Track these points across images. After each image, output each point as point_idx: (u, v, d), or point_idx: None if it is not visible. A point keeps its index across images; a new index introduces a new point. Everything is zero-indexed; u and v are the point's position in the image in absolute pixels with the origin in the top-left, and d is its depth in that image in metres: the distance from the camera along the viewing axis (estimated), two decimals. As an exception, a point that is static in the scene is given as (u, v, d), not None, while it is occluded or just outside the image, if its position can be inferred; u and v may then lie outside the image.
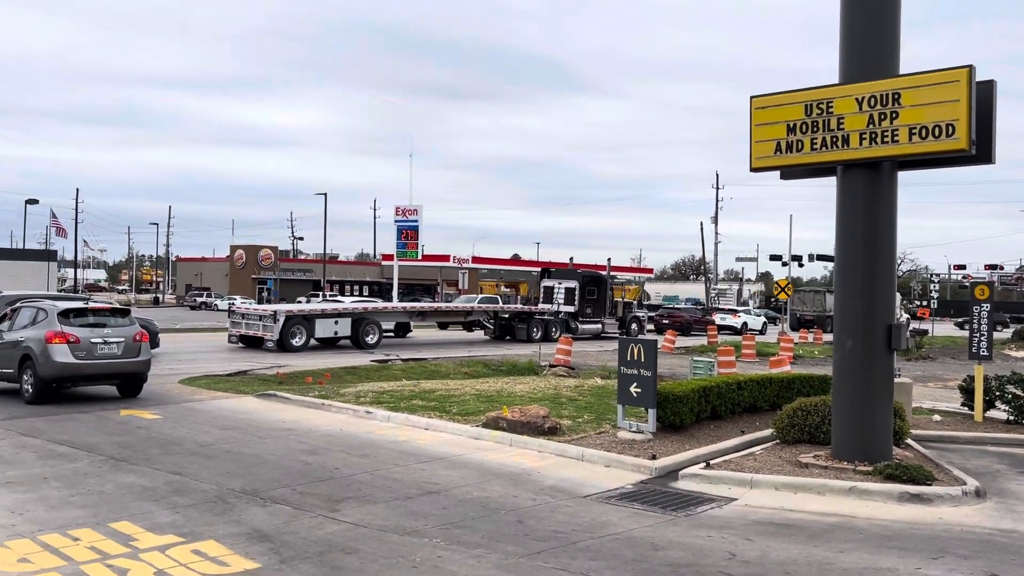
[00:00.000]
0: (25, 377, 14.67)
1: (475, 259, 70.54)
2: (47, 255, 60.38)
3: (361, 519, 7.83)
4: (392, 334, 33.55)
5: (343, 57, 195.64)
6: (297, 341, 26.80)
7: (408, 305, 35.00)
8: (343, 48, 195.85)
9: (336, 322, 28.51)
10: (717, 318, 48.91)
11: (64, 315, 14.79)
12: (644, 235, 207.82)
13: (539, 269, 47.56)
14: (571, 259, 61.28)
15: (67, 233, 76.67)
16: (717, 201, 77.99)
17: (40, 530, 7.23)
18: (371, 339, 29.01)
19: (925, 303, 68.54)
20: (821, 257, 55.78)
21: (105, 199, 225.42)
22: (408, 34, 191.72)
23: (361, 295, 79.37)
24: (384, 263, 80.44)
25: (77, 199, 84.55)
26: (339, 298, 55.94)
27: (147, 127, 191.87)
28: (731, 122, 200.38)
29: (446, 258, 66.94)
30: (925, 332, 42.09)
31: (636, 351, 11.61)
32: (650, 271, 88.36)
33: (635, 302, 44.58)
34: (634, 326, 39.75)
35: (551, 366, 21.79)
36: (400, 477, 9.61)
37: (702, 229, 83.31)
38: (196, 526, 7.48)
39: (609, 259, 48.33)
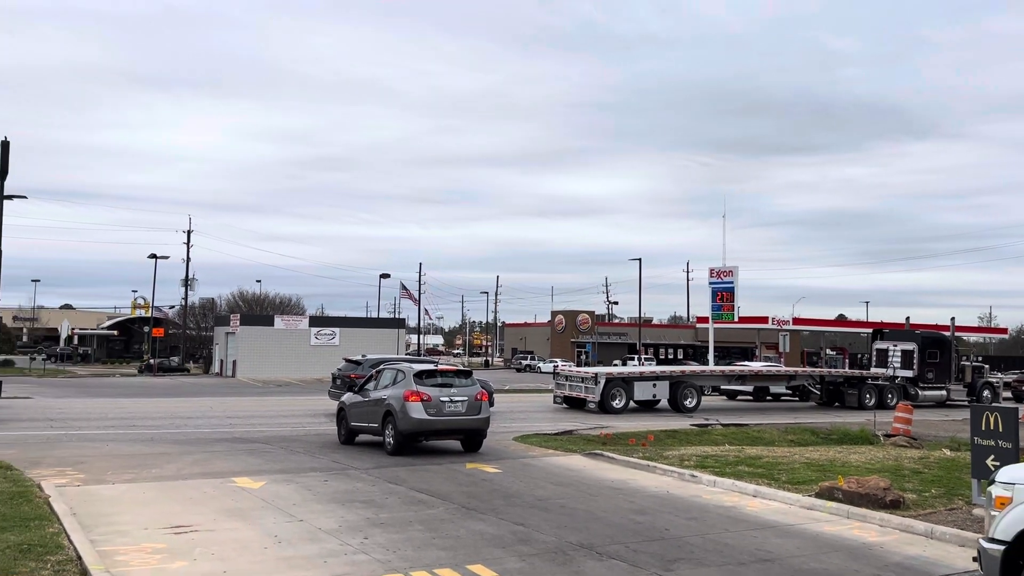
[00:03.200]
0: (387, 431, 16.63)
1: (796, 320, 67.60)
2: (396, 323, 67.84)
3: (695, 581, 7.92)
4: (724, 397, 33.57)
5: (656, 121, 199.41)
6: (617, 403, 27.52)
7: (727, 369, 34.42)
8: (656, 112, 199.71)
9: (654, 385, 28.88)
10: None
11: (419, 376, 16.63)
12: (994, 292, 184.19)
13: (869, 331, 44.44)
14: (907, 319, 56.41)
15: (416, 300, 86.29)
16: (1086, 250, 67.83)
17: (411, 567, 8.20)
18: (689, 403, 28.95)
19: None
20: None
21: (443, 271, 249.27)
22: (722, 91, 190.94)
23: (675, 358, 79.32)
24: (698, 326, 79.83)
25: (420, 272, 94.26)
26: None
27: (478, 203, 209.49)
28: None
29: (764, 320, 64.96)
30: None
31: (992, 420, 10.61)
32: (1004, 331, 78.42)
33: (986, 366, 39.94)
34: (986, 392, 35.56)
35: (888, 435, 20.22)
36: (731, 542, 9.54)
37: (1067, 282, 72.66)
38: (541, 574, 8.04)
39: (953, 319, 44.04)
